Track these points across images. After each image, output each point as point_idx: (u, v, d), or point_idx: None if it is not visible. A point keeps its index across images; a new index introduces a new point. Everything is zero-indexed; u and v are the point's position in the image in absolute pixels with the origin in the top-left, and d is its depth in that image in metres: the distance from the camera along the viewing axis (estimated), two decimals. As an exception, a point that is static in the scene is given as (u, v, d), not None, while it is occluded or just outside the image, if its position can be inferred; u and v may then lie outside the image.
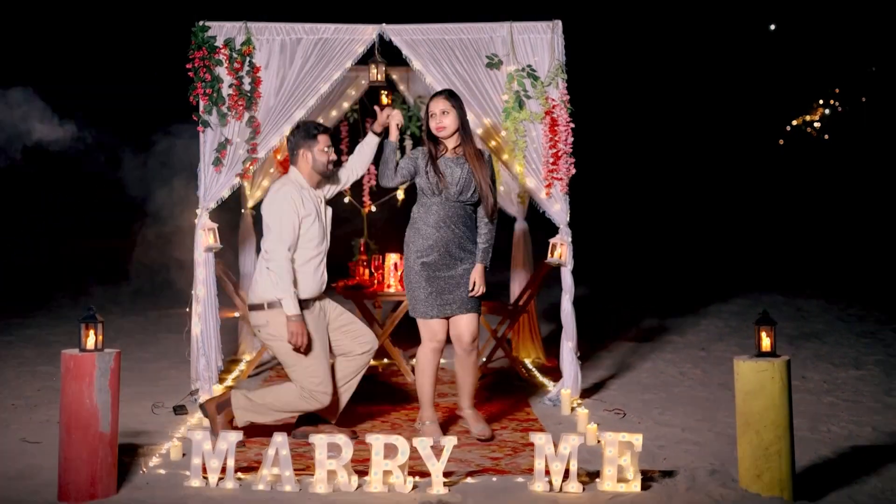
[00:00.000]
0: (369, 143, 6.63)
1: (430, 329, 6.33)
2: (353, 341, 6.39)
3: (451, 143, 6.35)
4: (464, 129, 6.33)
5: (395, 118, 6.50)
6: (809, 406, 7.19)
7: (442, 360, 8.08)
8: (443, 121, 6.28)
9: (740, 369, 5.12)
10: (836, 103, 40.29)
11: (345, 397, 6.42)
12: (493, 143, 7.39)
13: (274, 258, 6.06)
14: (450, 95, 6.34)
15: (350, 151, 10.16)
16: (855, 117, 37.73)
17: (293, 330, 6.04)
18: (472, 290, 6.27)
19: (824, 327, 10.69)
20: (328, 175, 6.38)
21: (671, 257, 18.54)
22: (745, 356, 5.21)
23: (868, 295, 13.04)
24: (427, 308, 6.28)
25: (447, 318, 6.33)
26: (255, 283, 6.25)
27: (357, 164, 6.67)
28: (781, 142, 39.69)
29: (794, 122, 41.01)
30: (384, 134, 6.62)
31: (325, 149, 6.29)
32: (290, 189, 6.17)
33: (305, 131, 6.29)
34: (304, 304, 6.15)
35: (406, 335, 10.25)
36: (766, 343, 5.18)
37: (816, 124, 41.11)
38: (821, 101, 40.60)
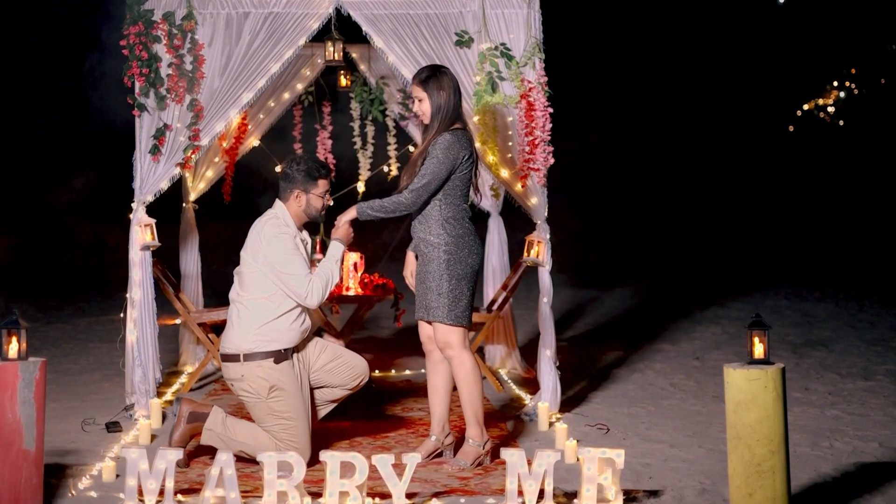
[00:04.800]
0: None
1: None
2: (339, 377, 6.55)
3: None
4: (434, 115, 6.29)
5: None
6: (811, 420, 7.37)
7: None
8: (420, 108, 6.35)
9: (731, 378, 5.26)
10: (852, 85, 40.60)
11: (320, 413, 6.63)
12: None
13: (311, 291, 6.20)
14: (425, 79, 6.31)
15: (303, 138, 10.27)
16: (872, 101, 38.01)
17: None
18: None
19: (832, 334, 10.89)
20: (318, 221, 6.52)
21: (663, 257, 18.70)
22: (736, 363, 5.35)
23: (882, 298, 13.25)
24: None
25: (425, 321, 6.43)
26: (230, 329, 6.34)
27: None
28: (791, 128, 39.96)
29: (806, 107, 41.28)
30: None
31: (323, 194, 6.41)
32: (280, 226, 6.29)
33: (307, 172, 6.35)
34: (284, 354, 6.28)
35: (371, 344, 10.36)
36: (758, 349, 5.33)
37: (830, 109, 41.41)
38: (835, 83, 40.89)
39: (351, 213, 6.36)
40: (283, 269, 6.18)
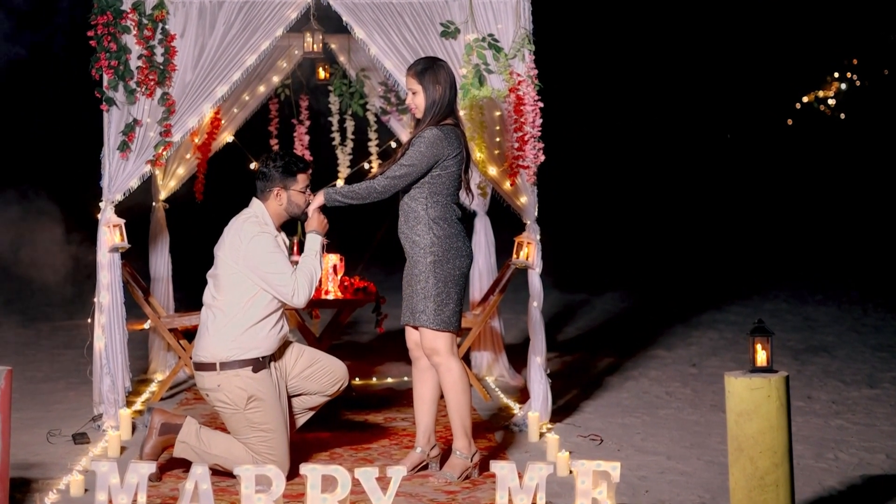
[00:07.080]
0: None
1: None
2: (317, 383, 6.56)
3: None
4: (427, 110, 6.30)
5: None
6: (815, 430, 7.41)
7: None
8: (413, 101, 6.35)
9: (732, 387, 5.29)
10: (854, 77, 40.78)
11: (298, 422, 6.63)
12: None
13: (297, 289, 6.21)
14: (421, 71, 6.31)
15: (280, 134, 10.26)
16: (875, 93, 38.17)
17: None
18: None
19: (835, 339, 10.94)
20: (301, 219, 6.52)
21: (658, 258, 18.75)
22: (737, 372, 5.38)
23: (887, 301, 13.31)
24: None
25: (412, 326, 6.43)
26: (203, 335, 6.31)
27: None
28: (790, 121, 40.11)
29: (805, 99, 41.45)
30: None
31: (303, 189, 6.40)
32: (260, 224, 6.29)
33: (284, 167, 6.35)
34: (263, 362, 6.27)
35: (352, 350, 10.35)
36: (761, 357, 5.36)
37: (830, 101, 41.58)
38: (836, 75, 41.06)
39: (318, 200, 6.37)
40: (267, 269, 6.18)
